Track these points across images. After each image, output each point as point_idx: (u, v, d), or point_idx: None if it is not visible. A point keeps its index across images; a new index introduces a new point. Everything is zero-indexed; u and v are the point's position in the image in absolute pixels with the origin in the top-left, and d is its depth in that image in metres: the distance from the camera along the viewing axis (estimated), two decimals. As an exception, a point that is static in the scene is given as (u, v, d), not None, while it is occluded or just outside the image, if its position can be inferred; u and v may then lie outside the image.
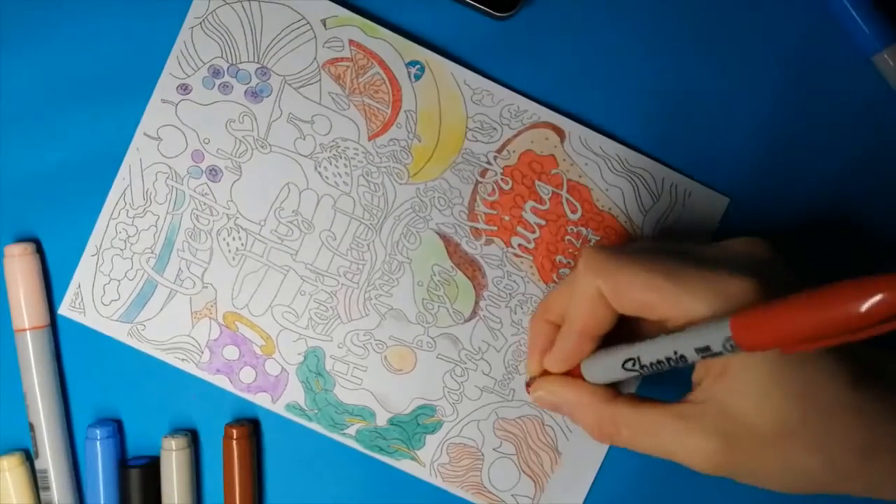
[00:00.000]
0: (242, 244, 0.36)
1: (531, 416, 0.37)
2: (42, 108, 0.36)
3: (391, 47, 0.36)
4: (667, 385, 0.33)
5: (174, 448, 0.35)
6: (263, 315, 0.37)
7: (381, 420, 0.37)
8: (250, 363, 0.37)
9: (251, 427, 0.37)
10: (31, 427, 0.36)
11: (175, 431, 0.37)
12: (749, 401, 0.27)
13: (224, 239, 0.36)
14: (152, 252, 0.36)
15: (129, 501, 0.35)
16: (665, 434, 0.29)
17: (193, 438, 0.37)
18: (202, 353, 0.37)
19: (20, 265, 0.35)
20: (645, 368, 0.29)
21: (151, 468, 0.36)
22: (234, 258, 0.36)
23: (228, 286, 0.36)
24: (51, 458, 0.35)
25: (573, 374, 0.32)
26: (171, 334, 0.36)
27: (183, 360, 0.37)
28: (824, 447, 0.27)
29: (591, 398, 0.31)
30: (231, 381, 0.37)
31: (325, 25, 0.36)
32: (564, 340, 0.31)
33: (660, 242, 0.33)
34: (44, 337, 0.36)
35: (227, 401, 0.37)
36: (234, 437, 0.36)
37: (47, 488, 0.35)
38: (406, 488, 0.37)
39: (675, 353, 0.27)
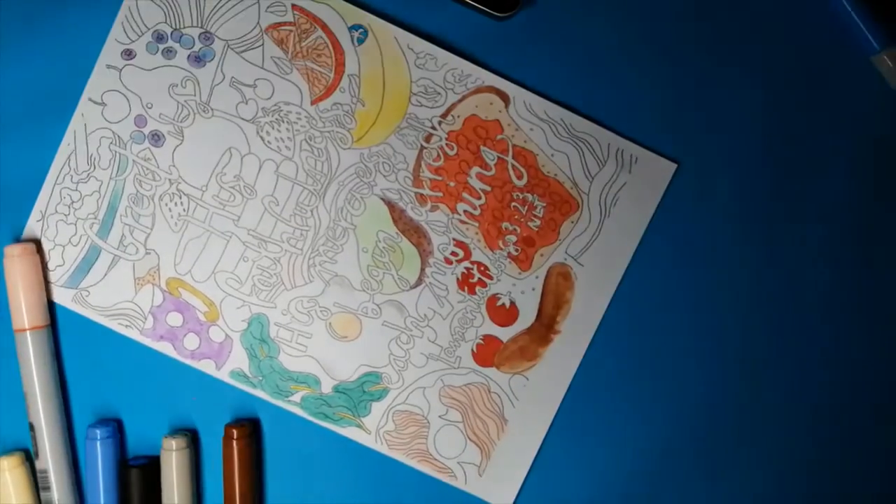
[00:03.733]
0: (185, 210, 0.36)
1: (477, 383, 0.37)
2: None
3: (334, 11, 0.36)
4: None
5: (174, 448, 0.35)
6: (206, 281, 0.36)
7: (327, 387, 0.37)
8: (194, 330, 0.37)
9: (251, 427, 0.36)
10: (32, 427, 0.35)
11: (175, 431, 0.36)
12: None
13: (166, 204, 0.36)
14: (96, 218, 0.36)
15: (129, 501, 0.35)
16: None
17: (193, 438, 0.37)
18: (146, 319, 0.36)
19: (20, 265, 0.35)
20: None
21: (151, 468, 0.36)
22: (176, 224, 0.36)
23: (171, 252, 0.36)
24: (51, 459, 0.35)
25: None
26: (114, 300, 0.36)
27: (126, 326, 0.36)
28: None
29: None
30: (175, 348, 0.36)
31: (267, -11, 0.36)
32: None
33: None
34: (43, 336, 0.35)
35: (228, 400, 0.37)
36: (234, 436, 0.35)
37: (48, 488, 0.35)
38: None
39: None
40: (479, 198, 0.37)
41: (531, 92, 0.36)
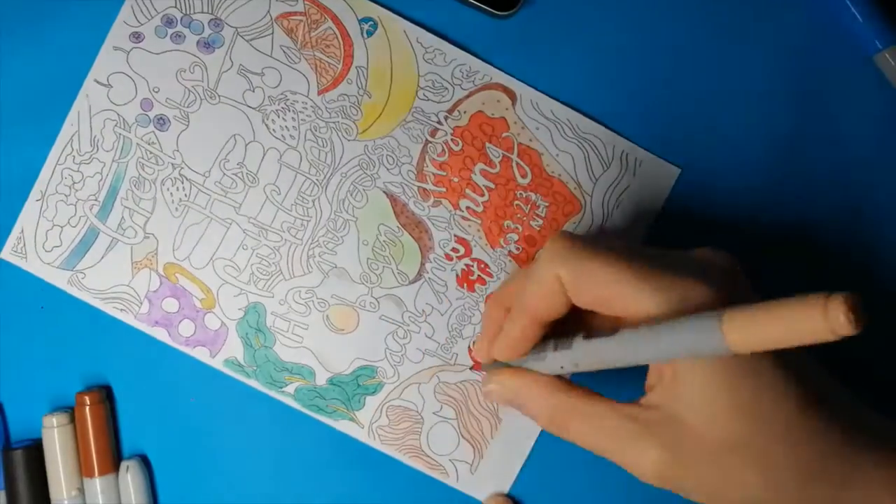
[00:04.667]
0: (186, 195, 0.36)
1: (473, 380, 0.37)
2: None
3: (344, 3, 0.36)
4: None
5: (55, 425, 0.35)
6: (204, 268, 0.36)
7: (321, 379, 0.36)
8: (189, 316, 0.36)
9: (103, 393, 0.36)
10: None
11: (56, 409, 0.36)
12: (697, 412, 0.26)
13: (168, 189, 0.36)
14: (96, 199, 0.36)
15: (14, 483, 0.35)
16: (614, 435, 0.28)
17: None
18: (141, 304, 0.36)
19: None
20: (581, 370, 0.28)
21: (35, 449, 0.35)
22: (177, 209, 0.36)
23: (170, 237, 0.36)
24: None
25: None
26: (110, 283, 0.36)
27: (122, 310, 0.36)
28: (768, 466, 0.26)
29: (544, 388, 0.30)
30: (170, 334, 0.36)
31: (279, -22, 0.36)
32: (512, 324, 0.30)
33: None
34: None
35: (221, 388, 0.37)
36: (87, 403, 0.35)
37: None
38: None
39: (634, 358, 0.26)
40: (483, 195, 0.37)
41: (538, 91, 0.36)
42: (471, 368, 0.37)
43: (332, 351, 0.36)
